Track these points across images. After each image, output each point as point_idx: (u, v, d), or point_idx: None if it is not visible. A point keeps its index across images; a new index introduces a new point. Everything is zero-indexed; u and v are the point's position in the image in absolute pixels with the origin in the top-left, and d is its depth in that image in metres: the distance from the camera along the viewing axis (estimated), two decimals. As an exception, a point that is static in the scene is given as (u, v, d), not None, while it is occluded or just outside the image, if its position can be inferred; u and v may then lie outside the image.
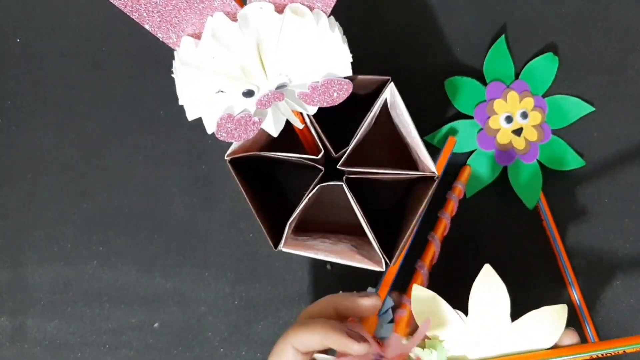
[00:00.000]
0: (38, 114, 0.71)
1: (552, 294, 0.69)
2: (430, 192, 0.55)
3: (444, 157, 0.66)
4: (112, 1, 0.40)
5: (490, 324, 0.44)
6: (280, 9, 0.42)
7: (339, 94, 0.47)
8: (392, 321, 0.63)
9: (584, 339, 0.69)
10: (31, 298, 0.70)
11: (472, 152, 0.68)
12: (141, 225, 0.70)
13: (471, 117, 0.68)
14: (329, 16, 0.44)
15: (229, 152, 0.56)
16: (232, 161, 0.57)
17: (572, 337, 0.45)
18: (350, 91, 0.47)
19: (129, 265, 0.70)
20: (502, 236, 0.70)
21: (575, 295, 0.69)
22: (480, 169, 0.68)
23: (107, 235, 0.71)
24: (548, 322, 0.44)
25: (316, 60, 0.45)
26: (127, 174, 0.70)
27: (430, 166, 0.55)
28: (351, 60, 0.46)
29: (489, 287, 0.44)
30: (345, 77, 0.48)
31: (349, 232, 0.65)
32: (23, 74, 0.71)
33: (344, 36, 0.46)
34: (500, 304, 0.44)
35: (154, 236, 0.70)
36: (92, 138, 0.71)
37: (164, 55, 0.69)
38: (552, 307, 0.44)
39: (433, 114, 0.70)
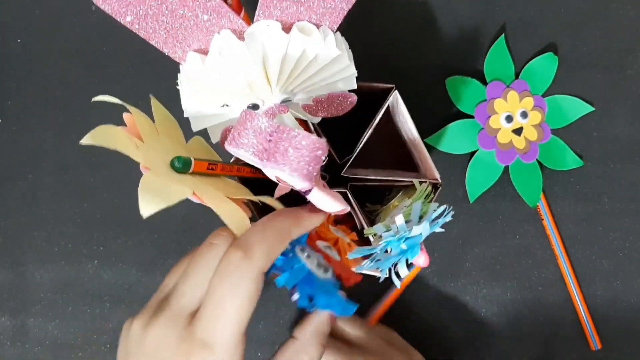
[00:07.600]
0: (38, 114, 0.70)
1: (552, 293, 0.70)
2: (434, 198, 0.55)
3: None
4: (118, 19, 0.40)
5: None
6: (287, 28, 0.42)
7: (343, 107, 0.47)
8: None
9: (584, 339, 0.70)
10: (32, 298, 0.71)
11: (472, 153, 0.69)
12: (141, 225, 0.70)
13: (472, 117, 0.68)
14: (335, 32, 0.44)
15: (233, 159, 0.57)
16: (236, 168, 0.57)
17: None
18: (354, 104, 0.47)
19: (130, 265, 0.71)
20: (502, 235, 0.70)
21: (576, 294, 0.69)
22: (482, 170, 0.68)
23: (107, 235, 0.71)
24: None
25: (321, 76, 0.44)
26: (127, 174, 0.70)
27: (434, 173, 0.56)
28: (356, 75, 0.46)
29: None
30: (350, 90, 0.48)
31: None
32: (24, 74, 0.70)
33: (350, 50, 0.46)
34: None
35: (154, 236, 0.70)
36: (92, 138, 0.70)
37: (164, 55, 0.69)
38: None
39: (434, 114, 0.70)
